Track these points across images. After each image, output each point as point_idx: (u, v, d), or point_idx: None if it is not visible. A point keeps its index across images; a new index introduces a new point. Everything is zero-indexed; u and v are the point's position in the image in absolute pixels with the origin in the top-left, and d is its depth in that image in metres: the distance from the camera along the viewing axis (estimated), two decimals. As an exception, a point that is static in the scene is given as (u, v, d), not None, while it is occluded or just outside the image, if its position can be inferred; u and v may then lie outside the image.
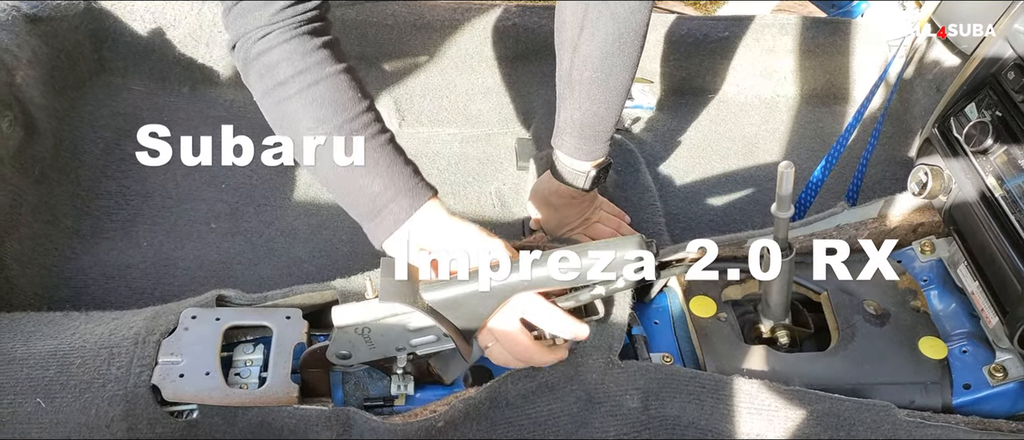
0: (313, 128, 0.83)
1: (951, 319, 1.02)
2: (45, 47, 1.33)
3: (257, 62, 0.83)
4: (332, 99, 0.83)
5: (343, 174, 0.84)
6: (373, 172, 0.84)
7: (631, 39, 0.99)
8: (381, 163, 0.84)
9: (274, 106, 0.84)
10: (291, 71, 0.82)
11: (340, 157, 0.83)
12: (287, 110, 0.83)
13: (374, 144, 0.84)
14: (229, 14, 0.83)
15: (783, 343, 0.98)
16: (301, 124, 0.83)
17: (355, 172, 0.84)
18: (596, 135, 1.08)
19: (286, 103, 0.83)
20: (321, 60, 0.83)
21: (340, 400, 0.90)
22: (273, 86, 0.83)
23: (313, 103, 0.82)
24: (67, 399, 0.81)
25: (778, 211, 0.85)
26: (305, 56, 0.82)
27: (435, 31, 1.52)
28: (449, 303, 0.85)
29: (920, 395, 0.94)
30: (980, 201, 0.98)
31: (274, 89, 0.83)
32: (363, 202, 0.85)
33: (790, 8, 2.05)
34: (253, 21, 0.81)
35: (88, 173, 1.30)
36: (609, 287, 0.88)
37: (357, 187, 0.85)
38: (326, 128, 0.83)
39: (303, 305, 0.96)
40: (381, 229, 0.86)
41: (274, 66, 0.82)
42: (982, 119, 0.99)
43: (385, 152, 0.85)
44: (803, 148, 1.53)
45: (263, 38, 0.82)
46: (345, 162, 0.84)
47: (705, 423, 0.88)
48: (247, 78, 0.86)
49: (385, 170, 0.84)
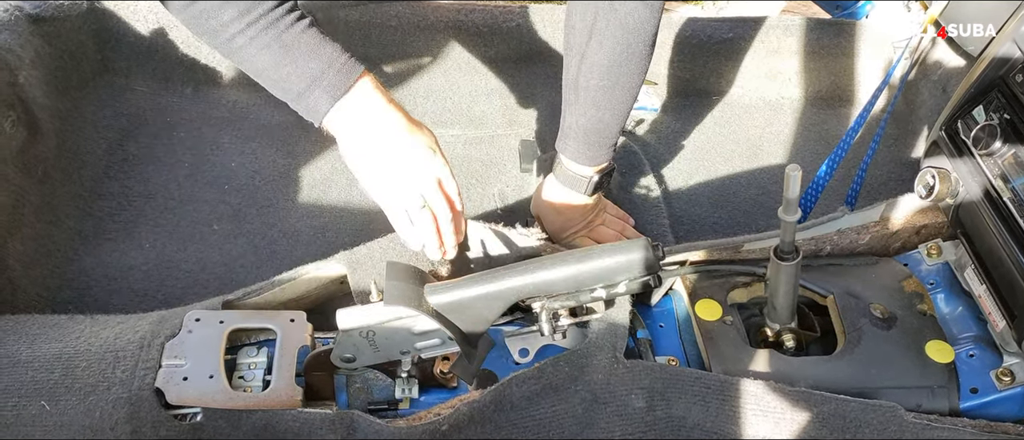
0: (237, 18, 0.82)
1: (958, 323, 1.02)
2: (48, 47, 1.33)
3: None
4: None
5: (274, 58, 0.85)
6: (306, 52, 0.85)
7: (639, 49, 0.99)
8: (312, 43, 0.86)
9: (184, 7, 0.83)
10: None
11: (270, 43, 0.84)
12: (206, 7, 0.82)
13: (301, 27, 0.85)
14: None
15: (789, 347, 0.98)
16: (224, 15, 0.82)
17: (287, 54, 0.85)
18: (600, 141, 1.07)
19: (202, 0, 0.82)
20: None
21: (344, 403, 0.89)
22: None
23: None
24: (71, 402, 0.81)
25: (785, 214, 0.85)
26: None
27: (438, 32, 1.52)
28: (454, 306, 0.85)
29: (927, 399, 0.93)
30: (988, 204, 0.98)
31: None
32: (296, 82, 0.86)
33: (795, 9, 2.04)
34: None
35: (91, 174, 1.30)
36: (610, 291, 0.88)
37: (290, 68, 0.85)
38: (250, 18, 0.83)
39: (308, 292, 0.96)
40: (320, 103, 0.87)
41: None
42: (990, 122, 0.98)
43: (313, 34, 0.86)
44: (808, 150, 1.53)
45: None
46: (276, 47, 0.84)
47: (711, 424, 0.88)
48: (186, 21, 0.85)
49: (317, 48, 0.86)
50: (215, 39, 0.85)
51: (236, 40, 0.84)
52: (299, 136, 1.42)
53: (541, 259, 0.87)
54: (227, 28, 0.83)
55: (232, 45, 0.84)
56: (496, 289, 0.85)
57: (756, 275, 1.05)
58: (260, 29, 0.83)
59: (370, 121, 0.89)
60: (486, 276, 0.86)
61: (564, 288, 0.87)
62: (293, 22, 0.85)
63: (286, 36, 0.84)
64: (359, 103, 0.88)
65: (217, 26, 0.83)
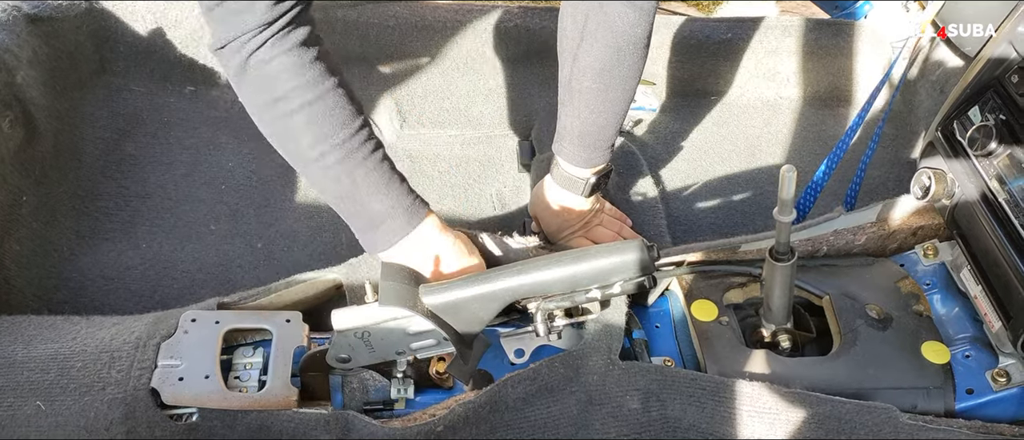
0: (313, 145, 0.85)
1: (954, 323, 1.02)
2: (46, 47, 1.33)
3: (254, 73, 0.82)
4: (331, 115, 0.84)
5: (344, 191, 0.88)
6: (373, 191, 0.88)
7: (630, 51, 0.99)
8: (380, 182, 0.88)
9: (274, 120, 0.85)
10: (290, 85, 0.82)
11: (341, 177, 0.87)
12: (288, 126, 0.84)
13: (372, 162, 0.88)
14: (212, 13, 0.81)
15: (785, 347, 0.98)
16: (302, 142, 0.85)
17: (356, 191, 0.88)
18: (596, 143, 1.07)
19: (287, 119, 0.84)
20: (319, 74, 0.84)
21: (340, 404, 0.89)
22: (272, 101, 0.83)
23: (313, 121, 0.84)
24: (67, 402, 0.81)
25: (780, 215, 0.85)
26: (303, 69, 0.82)
27: (437, 33, 1.52)
28: (449, 307, 0.85)
29: (923, 400, 0.93)
30: (984, 205, 0.98)
31: (274, 104, 0.83)
32: (362, 218, 0.90)
33: (793, 9, 2.04)
34: (243, 24, 0.79)
35: (88, 174, 1.30)
36: (605, 291, 0.88)
37: (358, 204, 0.89)
38: (326, 146, 0.85)
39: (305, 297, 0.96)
40: (380, 242, 0.91)
41: (273, 78, 0.82)
42: (986, 122, 0.98)
43: (383, 170, 0.89)
44: (805, 151, 1.53)
45: (260, 48, 0.81)
46: (346, 181, 0.87)
47: (706, 425, 0.88)
48: (240, 86, 0.85)
49: (384, 188, 0.89)
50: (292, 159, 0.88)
51: (310, 167, 0.87)
52: (297, 136, 1.42)
53: (536, 259, 0.87)
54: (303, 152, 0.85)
55: (307, 170, 0.88)
56: (491, 289, 0.85)
57: (752, 275, 1.05)
58: (335, 160, 0.85)
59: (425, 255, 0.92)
60: (481, 277, 0.86)
61: (559, 289, 0.87)
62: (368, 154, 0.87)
63: (358, 171, 0.87)
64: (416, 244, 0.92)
65: (294, 149, 0.86)
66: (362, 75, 1.51)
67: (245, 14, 0.79)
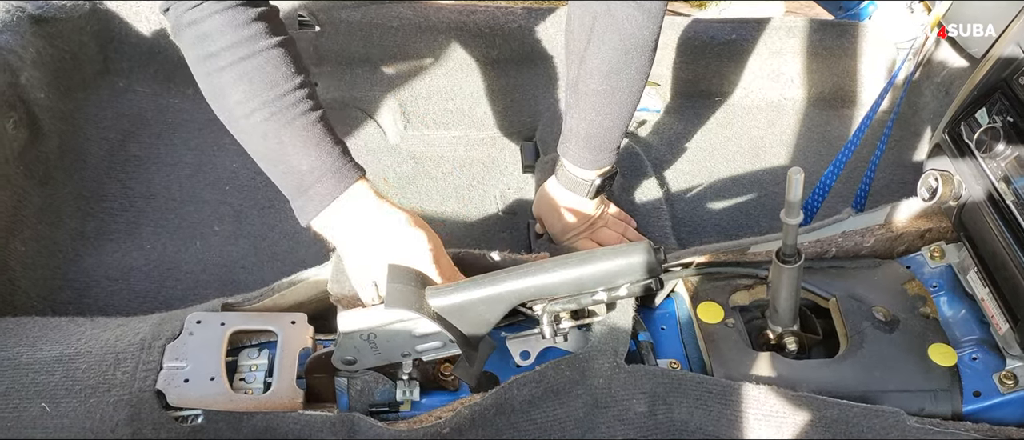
0: (242, 102, 0.82)
1: (961, 326, 1.02)
2: (50, 48, 1.33)
3: (189, 30, 0.82)
4: (263, 75, 0.82)
5: (271, 151, 0.85)
6: (301, 151, 0.84)
7: (637, 54, 0.98)
8: (310, 142, 0.84)
9: (205, 76, 0.83)
10: (223, 43, 0.81)
11: (268, 134, 0.84)
12: (217, 82, 0.83)
13: (303, 122, 0.84)
14: None
15: (791, 350, 0.97)
16: (231, 98, 0.83)
17: (283, 150, 0.84)
18: (601, 146, 1.07)
19: (217, 75, 0.82)
20: (254, 34, 0.82)
21: (345, 406, 0.89)
22: (204, 57, 0.82)
23: (243, 78, 0.82)
24: (72, 404, 0.81)
25: (787, 217, 0.85)
26: (238, 29, 0.81)
27: (440, 34, 1.52)
28: (455, 309, 0.85)
29: (930, 402, 0.93)
30: (991, 207, 0.97)
31: (205, 59, 0.82)
32: (290, 180, 0.86)
33: (797, 10, 2.04)
34: None
35: (92, 175, 1.30)
36: (611, 294, 0.87)
37: (285, 165, 0.85)
38: (255, 104, 0.82)
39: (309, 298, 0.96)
40: (309, 208, 0.86)
41: (205, 37, 0.81)
42: (993, 124, 0.98)
43: (314, 131, 0.85)
44: (810, 152, 1.52)
45: (196, 6, 0.81)
46: (273, 140, 0.84)
47: (712, 429, 0.88)
48: (178, 41, 0.85)
49: (313, 149, 0.85)
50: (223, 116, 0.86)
51: (239, 123, 0.84)
52: (301, 137, 1.42)
53: (542, 262, 0.87)
54: (233, 109, 0.83)
55: (235, 126, 0.85)
56: (497, 292, 0.85)
57: (758, 278, 1.04)
58: (263, 117, 0.83)
59: (356, 225, 0.87)
60: (487, 279, 0.86)
61: (565, 291, 0.87)
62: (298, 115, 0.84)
63: (285, 130, 0.84)
64: (346, 209, 0.87)
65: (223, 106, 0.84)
66: (366, 76, 1.50)
67: None
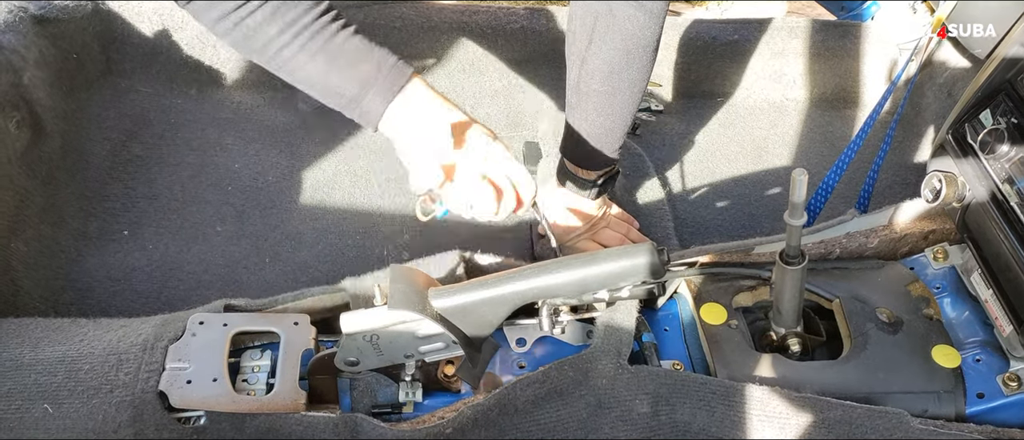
0: (282, 32, 0.83)
1: (964, 327, 1.01)
2: (53, 48, 1.32)
3: None
4: (292, 4, 0.83)
5: (321, 70, 0.85)
6: (353, 60, 0.85)
7: (639, 55, 0.98)
8: (359, 50, 0.86)
9: (232, 27, 0.83)
10: None
11: (317, 53, 0.84)
12: (249, 25, 0.83)
13: (345, 35, 0.85)
14: None
15: (794, 351, 0.97)
16: (268, 33, 0.83)
17: (335, 63, 0.85)
18: (603, 146, 1.07)
19: (248, 19, 0.82)
20: None
21: (348, 407, 0.89)
22: (233, 9, 0.82)
23: (275, 13, 0.82)
24: (75, 405, 0.81)
25: (791, 218, 0.85)
26: None
27: (442, 33, 1.52)
28: (458, 310, 0.85)
29: (933, 404, 0.93)
30: (995, 208, 0.97)
31: (233, 12, 0.82)
32: (349, 89, 0.86)
33: (799, 11, 2.04)
34: None
35: (95, 175, 1.30)
36: (614, 294, 0.87)
37: (339, 77, 0.85)
38: (295, 30, 0.83)
39: (312, 309, 0.96)
40: (373, 110, 0.86)
41: None
42: (997, 126, 0.98)
43: (357, 40, 0.86)
44: (812, 152, 1.52)
45: None
46: (322, 57, 0.84)
47: (715, 430, 0.88)
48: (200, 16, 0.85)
49: (364, 55, 0.86)
50: (264, 56, 0.85)
51: (283, 53, 0.84)
52: (303, 138, 1.42)
53: (545, 263, 0.87)
54: (273, 42, 0.83)
55: (280, 58, 0.84)
56: (500, 293, 0.85)
57: (762, 279, 1.04)
58: (306, 39, 0.83)
59: (424, 119, 0.87)
60: (490, 280, 0.85)
61: (568, 292, 0.87)
62: (338, 30, 0.85)
63: (332, 44, 0.84)
64: (412, 103, 0.87)
65: (264, 42, 0.83)
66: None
67: None
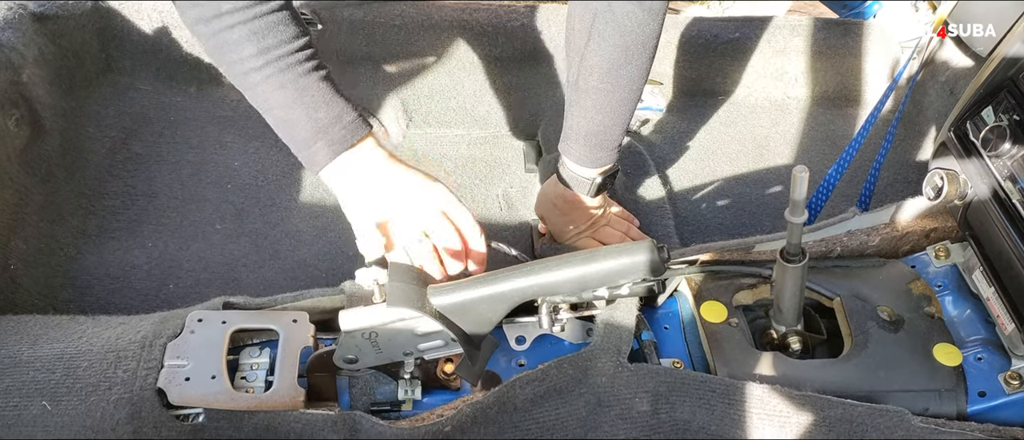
0: (255, 56, 0.84)
1: (966, 325, 1.01)
2: (52, 46, 1.32)
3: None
4: (274, 32, 0.84)
5: (286, 103, 0.86)
6: (316, 102, 0.86)
7: (638, 51, 0.98)
8: (324, 94, 0.87)
9: (211, 35, 0.84)
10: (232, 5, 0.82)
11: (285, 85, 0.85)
12: (227, 39, 0.83)
13: (315, 77, 0.86)
14: None
15: (795, 349, 0.97)
16: (241, 53, 0.84)
17: (300, 100, 0.86)
18: (602, 143, 1.07)
19: (226, 33, 0.83)
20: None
21: (346, 404, 0.89)
22: (215, 16, 0.83)
23: (254, 35, 0.83)
24: (73, 402, 0.81)
25: (791, 216, 0.84)
26: None
27: (443, 32, 1.51)
28: (457, 308, 0.84)
29: (934, 402, 0.92)
30: (996, 206, 0.97)
31: (213, 19, 0.83)
32: (304, 130, 0.87)
33: (801, 9, 2.03)
34: None
35: (94, 172, 1.30)
36: (614, 292, 0.87)
37: (299, 115, 0.86)
38: (268, 58, 0.84)
39: (312, 309, 0.96)
40: (321, 156, 0.88)
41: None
42: (999, 123, 0.97)
43: (325, 85, 0.87)
44: (814, 151, 1.52)
45: None
46: (290, 91, 0.85)
47: (715, 428, 0.87)
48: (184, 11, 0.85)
49: (328, 100, 0.87)
50: (232, 71, 0.86)
51: (252, 76, 0.85)
52: (303, 135, 1.42)
53: (545, 261, 0.86)
54: (246, 63, 0.84)
55: (248, 80, 0.85)
56: (499, 291, 0.85)
57: (762, 277, 1.04)
58: (278, 70, 0.84)
59: (369, 174, 0.89)
60: (489, 278, 0.85)
61: (568, 290, 0.86)
62: (311, 70, 0.86)
63: (302, 82, 0.86)
64: (360, 159, 0.89)
65: (237, 59, 0.84)
66: (368, 74, 1.50)
67: None
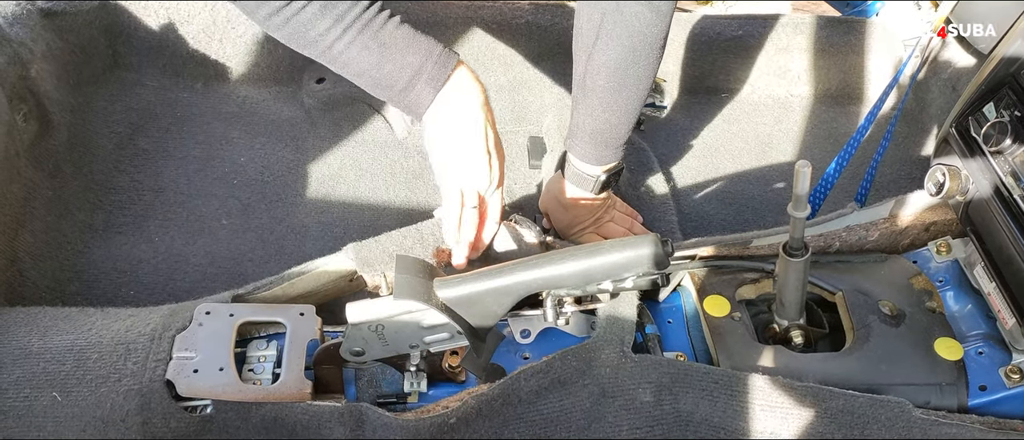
0: (331, 28, 0.85)
1: (967, 320, 1.02)
2: (60, 42, 1.33)
3: None
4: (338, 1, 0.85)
5: (373, 62, 0.88)
6: (402, 50, 0.88)
7: (646, 51, 0.99)
8: (407, 37, 0.89)
9: (282, 24, 0.85)
10: None
11: (368, 45, 0.87)
12: (299, 21, 0.85)
13: (392, 24, 0.88)
14: None
15: (797, 343, 0.98)
16: (321, 25, 0.85)
17: (385, 54, 0.87)
18: (607, 141, 1.07)
19: (297, 16, 0.84)
20: None
21: (353, 397, 0.90)
22: (282, 4, 0.84)
23: (323, 9, 0.84)
24: (83, 393, 0.81)
25: (794, 210, 0.85)
26: None
27: (448, 29, 1.52)
28: (463, 300, 0.85)
29: (935, 396, 0.93)
30: (998, 201, 0.97)
31: (284, 7, 0.84)
32: (400, 79, 0.89)
33: (804, 7, 2.04)
34: None
35: (101, 167, 1.31)
36: (618, 285, 0.88)
37: (391, 66, 0.88)
38: (344, 24, 0.85)
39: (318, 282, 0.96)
40: (424, 96, 0.90)
41: None
42: (1001, 119, 0.98)
43: (405, 29, 0.89)
44: (816, 148, 1.52)
45: None
46: (374, 49, 0.87)
47: (718, 419, 0.88)
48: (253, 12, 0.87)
49: (412, 42, 0.89)
50: (316, 49, 0.87)
51: (335, 46, 0.86)
52: (308, 131, 1.43)
53: (550, 254, 0.87)
54: (325, 36, 0.85)
55: (332, 52, 0.87)
56: (505, 283, 0.85)
57: (765, 271, 1.05)
58: (356, 31, 0.86)
59: (460, 118, 0.92)
60: (495, 271, 0.86)
61: (573, 283, 0.87)
62: (386, 21, 0.87)
63: (382, 34, 0.87)
64: (456, 96, 0.91)
65: (316, 36, 0.86)
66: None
67: None
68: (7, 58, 1.19)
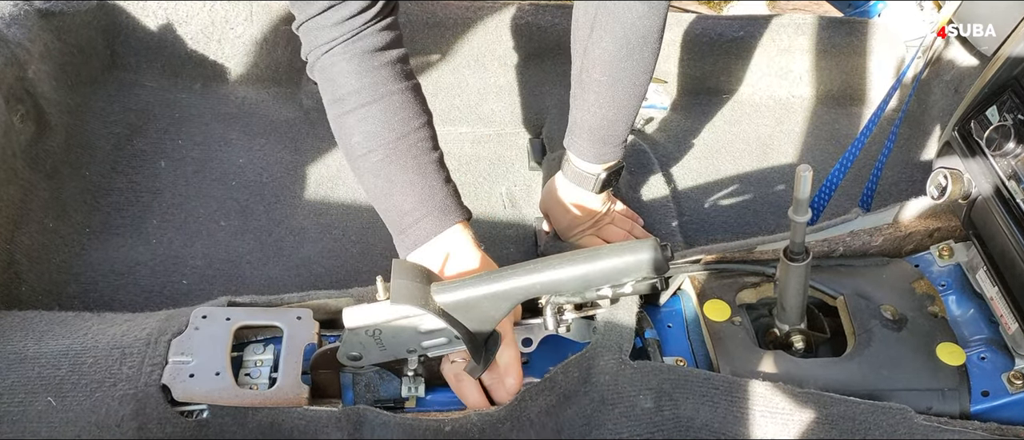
0: (361, 143, 0.90)
1: (969, 325, 1.01)
2: (57, 42, 1.33)
3: (321, 73, 0.91)
4: (383, 119, 0.89)
5: (381, 190, 0.91)
6: (408, 191, 0.90)
7: (640, 45, 0.99)
8: (417, 183, 0.90)
9: (334, 119, 0.92)
10: (350, 88, 0.89)
11: (380, 173, 0.90)
12: (343, 124, 0.90)
13: (415, 164, 0.90)
14: (300, 29, 0.91)
15: (798, 348, 0.97)
16: (352, 139, 0.90)
17: (392, 189, 0.90)
18: (606, 138, 1.07)
19: (343, 118, 0.90)
20: (380, 80, 0.90)
21: (350, 401, 0.89)
22: (333, 101, 0.90)
23: (365, 121, 0.89)
24: (78, 398, 0.81)
25: (795, 215, 0.84)
26: (363, 75, 0.89)
27: (448, 29, 1.51)
28: (461, 305, 0.84)
29: (937, 402, 0.92)
30: (1000, 205, 0.97)
31: (333, 103, 0.91)
32: (394, 217, 0.92)
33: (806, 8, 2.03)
34: (319, 37, 0.89)
35: (99, 169, 1.30)
36: (617, 291, 0.87)
37: (391, 202, 0.91)
38: (372, 145, 0.89)
39: (318, 309, 0.96)
40: (406, 244, 0.92)
41: (334, 81, 0.90)
42: (1003, 122, 0.97)
43: (424, 173, 0.91)
44: (818, 150, 1.52)
45: (327, 53, 0.89)
46: (384, 179, 0.90)
47: (718, 425, 0.87)
48: (311, 75, 0.93)
49: (420, 189, 0.90)
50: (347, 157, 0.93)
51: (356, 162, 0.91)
52: (307, 133, 1.42)
53: (548, 259, 0.86)
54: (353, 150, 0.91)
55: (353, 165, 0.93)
56: (503, 288, 0.84)
57: (765, 275, 1.04)
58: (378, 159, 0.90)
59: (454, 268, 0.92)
60: (493, 275, 0.85)
61: (571, 288, 0.86)
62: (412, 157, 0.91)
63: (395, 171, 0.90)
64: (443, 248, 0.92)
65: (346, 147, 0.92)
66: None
67: (317, 30, 0.89)
68: (4, 59, 1.18)
